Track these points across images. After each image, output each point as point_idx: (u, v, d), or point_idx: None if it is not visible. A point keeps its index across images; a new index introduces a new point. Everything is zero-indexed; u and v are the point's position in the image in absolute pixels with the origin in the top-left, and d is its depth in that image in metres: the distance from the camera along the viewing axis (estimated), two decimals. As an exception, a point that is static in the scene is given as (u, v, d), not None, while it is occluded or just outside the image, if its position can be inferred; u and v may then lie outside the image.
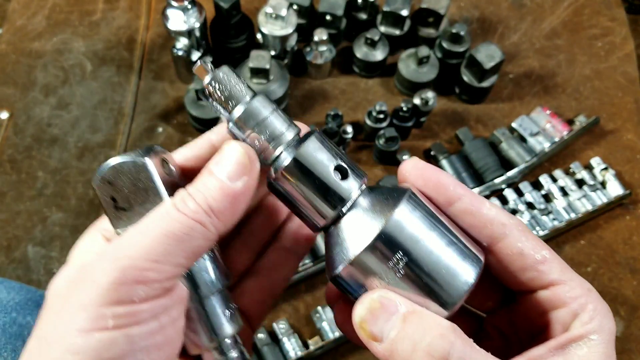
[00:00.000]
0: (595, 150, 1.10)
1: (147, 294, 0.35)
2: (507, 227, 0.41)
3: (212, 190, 0.38)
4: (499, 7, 1.26)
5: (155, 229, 0.36)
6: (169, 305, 0.37)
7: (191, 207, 0.37)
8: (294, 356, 0.89)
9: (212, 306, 0.43)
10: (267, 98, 0.43)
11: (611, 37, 1.23)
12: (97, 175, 0.40)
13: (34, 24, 1.20)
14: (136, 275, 0.35)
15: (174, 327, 0.38)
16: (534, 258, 0.41)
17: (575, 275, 0.42)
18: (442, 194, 0.41)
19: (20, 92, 1.12)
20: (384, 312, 0.37)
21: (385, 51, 1.13)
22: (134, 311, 0.35)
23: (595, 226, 1.03)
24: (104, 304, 0.34)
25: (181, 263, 0.37)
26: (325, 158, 0.41)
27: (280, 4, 1.03)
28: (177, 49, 1.06)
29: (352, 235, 0.40)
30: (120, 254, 0.36)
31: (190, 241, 0.36)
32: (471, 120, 1.13)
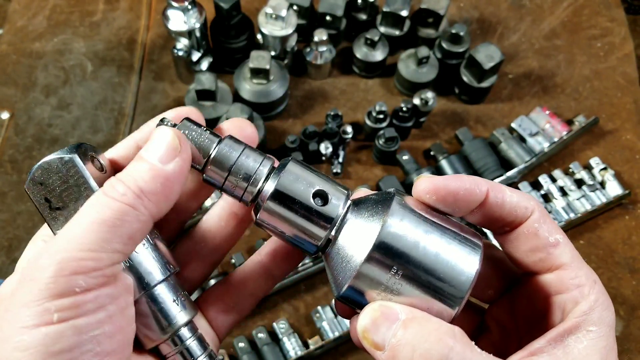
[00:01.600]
0: (595, 150, 1.10)
1: (88, 284, 0.35)
2: (529, 209, 0.42)
3: (142, 172, 0.38)
4: (499, 7, 1.27)
5: (87, 218, 0.36)
6: (115, 294, 0.37)
7: (120, 190, 0.37)
8: (294, 356, 0.89)
9: (159, 296, 0.42)
10: (234, 139, 0.43)
11: (610, 38, 1.23)
12: (27, 178, 0.40)
13: (35, 25, 1.20)
14: (74, 266, 0.34)
15: (124, 315, 0.38)
16: (547, 240, 0.41)
17: (584, 264, 0.42)
18: (473, 200, 0.41)
19: (21, 93, 1.13)
20: (384, 320, 0.38)
21: (385, 51, 1.13)
22: (78, 302, 0.34)
23: (595, 226, 1.03)
24: (46, 298, 0.34)
25: (118, 249, 0.36)
26: (305, 182, 0.41)
27: (280, 4, 1.04)
28: (178, 50, 1.06)
29: (348, 253, 0.40)
30: (56, 248, 0.35)
31: (123, 226, 0.36)
32: (471, 121, 1.14)
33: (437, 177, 0.41)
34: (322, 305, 0.94)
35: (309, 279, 0.98)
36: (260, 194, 0.42)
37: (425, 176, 0.42)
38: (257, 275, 0.50)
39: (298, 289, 0.97)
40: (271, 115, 1.11)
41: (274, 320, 0.93)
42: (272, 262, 0.50)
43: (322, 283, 0.98)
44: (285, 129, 1.12)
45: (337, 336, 0.90)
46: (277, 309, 0.96)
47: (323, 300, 0.96)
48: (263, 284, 0.50)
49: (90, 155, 0.42)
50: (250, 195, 0.43)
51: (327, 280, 0.98)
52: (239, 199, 0.43)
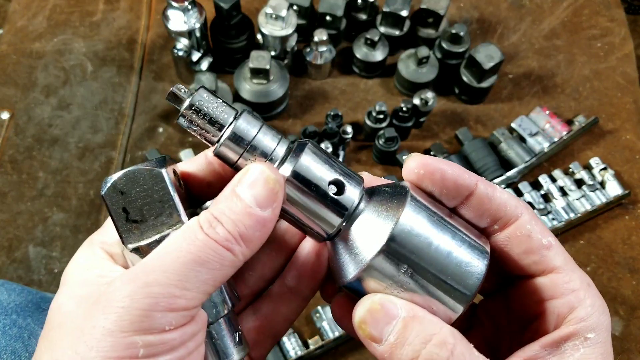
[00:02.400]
0: (595, 150, 1.10)
1: (177, 322, 0.34)
2: (519, 209, 0.41)
3: (241, 216, 0.36)
4: (499, 7, 1.27)
5: (185, 253, 0.35)
6: (195, 331, 0.36)
7: (221, 233, 0.36)
8: (294, 355, 0.89)
9: (219, 330, 0.42)
10: (252, 114, 0.41)
11: (610, 38, 1.23)
12: (107, 183, 0.38)
13: (35, 25, 1.20)
14: (168, 303, 0.34)
15: (199, 352, 0.37)
16: (541, 242, 0.40)
17: (577, 267, 0.41)
18: (461, 184, 0.40)
19: (21, 93, 1.13)
20: (384, 315, 0.37)
21: (385, 51, 1.13)
22: (165, 339, 0.34)
23: (595, 226, 1.03)
24: (135, 332, 0.33)
25: (209, 290, 0.36)
26: (324, 167, 0.40)
27: (280, 4, 1.04)
28: (178, 50, 1.06)
29: (361, 242, 0.39)
30: (150, 278, 0.34)
31: (221, 270, 0.35)
32: (470, 121, 1.14)
33: (427, 156, 0.41)
34: (322, 305, 0.94)
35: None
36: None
37: (416, 154, 0.41)
38: (287, 300, 0.48)
39: (298, 289, 0.97)
40: (271, 115, 1.11)
41: (274, 320, 0.93)
42: (298, 282, 0.48)
43: (322, 283, 0.98)
44: (285, 129, 1.12)
45: (337, 336, 0.90)
46: (277, 309, 0.96)
47: (323, 301, 0.96)
48: (295, 306, 0.49)
49: (172, 169, 0.40)
50: None
51: (327, 280, 0.98)
52: None
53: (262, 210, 0.37)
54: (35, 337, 0.64)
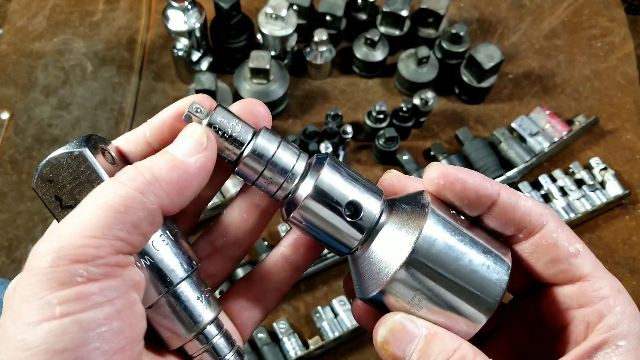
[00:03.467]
0: (595, 150, 1.10)
1: (90, 274, 0.32)
2: (544, 217, 0.40)
3: (160, 162, 0.36)
4: (499, 7, 1.27)
5: (90, 204, 0.34)
6: (122, 288, 0.34)
7: (131, 174, 0.35)
8: (294, 356, 0.89)
9: (182, 294, 0.41)
10: (269, 132, 0.41)
11: (610, 38, 1.23)
12: (34, 175, 0.37)
13: (35, 25, 1.20)
14: (72, 254, 0.32)
15: (132, 311, 0.35)
16: (568, 250, 0.39)
17: (607, 273, 0.40)
18: (482, 194, 0.39)
19: (21, 93, 1.12)
20: (406, 334, 0.37)
21: (385, 51, 1.13)
22: (82, 293, 0.32)
23: (595, 226, 1.03)
24: (47, 290, 0.31)
25: (121, 237, 0.34)
26: (344, 183, 0.40)
27: (280, 4, 1.04)
28: (178, 50, 1.06)
29: (382, 257, 0.39)
30: (54, 236, 0.33)
31: (127, 212, 0.34)
32: (471, 121, 1.14)
33: (449, 165, 0.40)
34: (322, 305, 0.94)
35: (309, 279, 0.98)
36: (295, 192, 0.40)
37: (436, 164, 0.41)
38: (280, 268, 0.48)
39: (298, 289, 0.97)
40: (271, 115, 1.11)
41: (274, 320, 0.93)
42: (295, 253, 0.48)
43: (322, 283, 0.98)
44: (285, 129, 1.12)
45: (337, 336, 0.90)
46: (277, 309, 0.96)
47: (323, 300, 0.96)
48: (288, 276, 0.48)
49: (100, 148, 0.39)
50: (284, 192, 0.41)
51: (327, 280, 0.98)
52: (271, 194, 0.41)
53: (185, 157, 0.36)
54: None
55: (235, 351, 0.44)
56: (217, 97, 1.05)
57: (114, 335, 0.33)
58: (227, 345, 0.44)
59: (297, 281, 0.95)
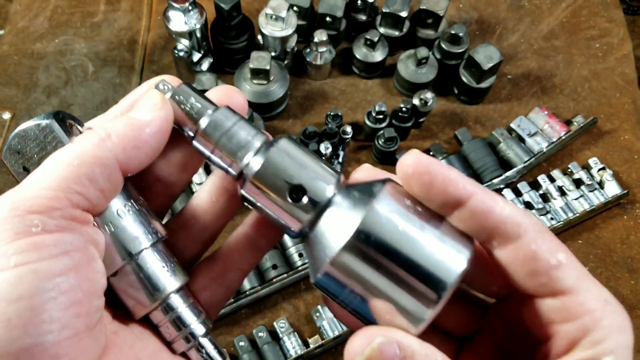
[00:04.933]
0: (593, 150, 1.10)
1: (45, 224, 0.33)
2: (522, 227, 0.36)
3: (116, 121, 0.37)
4: (498, 8, 1.27)
5: (47, 163, 0.35)
6: (79, 242, 0.34)
7: (85, 135, 0.36)
8: (294, 355, 0.90)
9: (146, 262, 0.41)
10: (231, 110, 0.42)
11: (609, 38, 1.23)
12: (4, 148, 0.39)
13: (36, 26, 1.20)
14: (27, 205, 0.32)
15: (90, 266, 0.35)
16: (548, 262, 0.36)
17: (593, 283, 0.37)
18: (450, 193, 0.37)
19: (22, 93, 1.13)
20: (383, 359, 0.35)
21: (385, 52, 1.14)
22: (37, 243, 0.32)
23: (593, 226, 1.04)
24: (2, 241, 0.32)
25: (77, 190, 0.34)
26: (297, 160, 0.40)
27: (280, 5, 1.04)
28: (178, 50, 1.07)
29: (329, 237, 0.38)
30: (11, 192, 0.34)
31: (82, 165, 0.34)
32: (470, 121, 1.14)
33: (425, 155, 0.38)
34: (322, 304, 0.94)
35: (309, 279, 0.98)
36: (246, 168, 0.40)
37: (415, 151, 0.39)
38: (242, 247, 0.47)
39: (298, 288, 0.98)
40: (271, 115, 1.12)
41: (274, 320, 0.93)
42: (257, 232, 0.47)
43: (322, 282, 0.98)
44: (285, 129, 1.12)
45: (337, 335, 0.90)
46: (277, 308, 0.96)
47: (323, 300, 0.97)
48: (249, 256, 0.48)
49: (69, 123, 0.40)
50: (236, 169, 0.41)
51: (327, 280, 0.98)
52: (226, 170, 0.42)
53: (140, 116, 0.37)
54: None
55: (202, 321, 0.44)
56: (217, 97, 1.05)
57: (70, 287, 0.33)
58: (193, 315, 0.43)
59: (297, 281, 0.96)
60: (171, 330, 0.43)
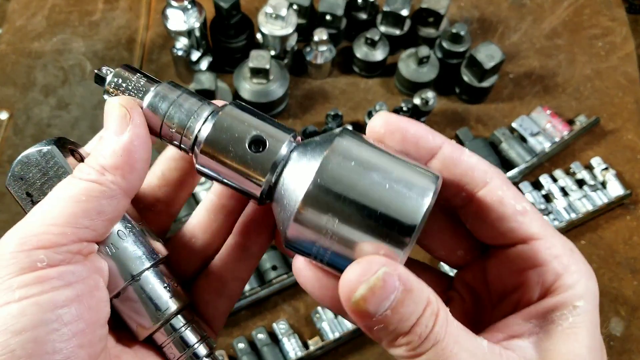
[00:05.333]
0: (596, 150, 1.10)
1: (51, 259, 0.33)
2: (489, 174, 0.38)
3: (102, 150, 0.38)
4: (499, 7, 1.26)
5: (54, 197, 0.36)
6: (83, 273, 0.35)
7: (85, 170, 0.37)
8: (294, 356, 0.89)
9: (148, 282, 0.41)
10: (173, 84, 0.41)
11: (611, 37, 1.22)
12: (8, 174, 0.40)
13: (34, 24, 1.20)
14: (35, 241, 0.33)
15: (93, 296, 0.36)
16: (514, 208, 0.38)
17: (557, 233, 0.39)
18: (422, 146, 0.39)
19: (20, 93, 1.12)
20: (385, 290, 0.34)
21: (386, 51, 1.13)
22: (41, 277, 0.33)
23: (596, 226, 1.03)
24: (8, 275, 0.33)
25: (85, 224, 0.35)
26: (244, 127, 0.39)
27: (280, 3, 1.03)
28: (177, 49, 1.06)
29: (289, 196, 0.37)
30: (19, 226, 0.35)
31: (89, 201, 0.35)
32: (471, 120, 1.13)
33: (393, 114, 0.39)
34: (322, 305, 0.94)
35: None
36: (196, 140, 0.39)
37: (383, 112, 0.39)
38: (235, 257, 0.47)
39: (298, 289, 0.97)
40: (271, 115, 1.11)
41: (273, 321, 0.92)
42: (246, 239, 0.47)
43: (322, 283, 0.98)
44: (285, 128, 1.11)
45: (337, 337, 0.90)
46: (277, 309, 0.95)
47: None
48: (244, 264, 0.47)
49: (69, 148, 0.41)
50: (188, 142, 0.40)
51: (327, 281, 0.97)
52: (178, 146, 0.41)
53: (118, 136, 0.38)
54: None
55: (204, 342, 0.44)
56: (216, 96, 1.04)
57: (73, 317, 0.34)
58: (196, 335, 0.43)
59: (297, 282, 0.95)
60: (175, 351, 0.43)
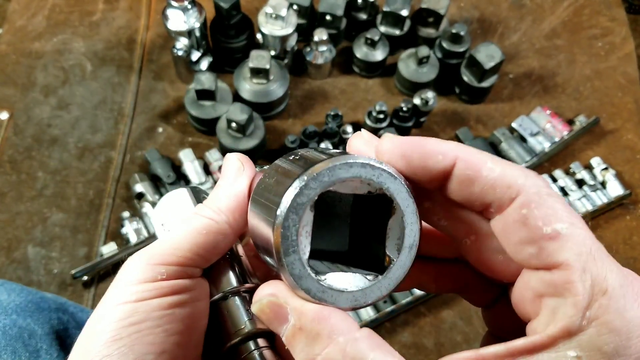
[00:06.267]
0: (596, 150, 1.10)
1: (169, 274, 0.39)
2: (514, 189, 0.32)
3: (219, 194, 0.43)
4: (499, 7, 1.26)
5: (180, 227, 0.42)
6: (191, 286, 0.40)
7: (204, 210, 0.42)
8: (294, 356, 0.89)
9: (231, 306, 0.45)
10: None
11: (611, 37, 1.23)
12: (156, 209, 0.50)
13: (34, 25, 1.20)
14: (159, 259, 0.39)
15: (197, 307, 0.40)
16: (541, 232, 0.31)
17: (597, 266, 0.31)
18: (433, 168, 0.34)
19: (20, 93, 1.12)
20: (275, 317, 0.36)
21: (385, 51, 1.13)
22: (157, 286, 0.38)
23: (596, 226, 1.03)
24: (133, 283, 0.38)
25: (201, 254, 0.40)
26: None
27: (280, 4, 1.03)
28: (177, 49, 1.06)
29: None
30: (146, 249, 0.40)
31: (208, 235, 0.41)
32: (471, 120, 1.13)
33: (397, 138, 0.35)
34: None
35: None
36: None
37: (388, 136, 0.36)
38: None
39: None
40: (271, 115, 1.11)
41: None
42: None
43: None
44: (285, 128, 1.11)
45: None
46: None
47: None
48: None
49: (202, 197, 0.49)
50: None
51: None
52: None
53: (232, 183, 0.44)
54: (35, 337, 0.64)
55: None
56: (216, 96, 1.04)
57: (176, 318, 0.39)
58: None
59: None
60: None
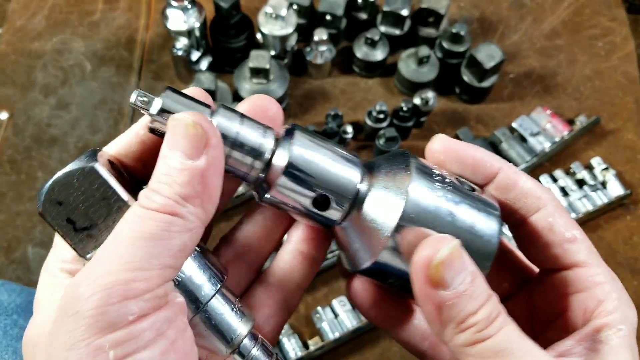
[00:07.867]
0: (596, 150, 1.10)
1: (141, 309, 0.30)
2: (542, 200, 0.40)
3: (176, 176, 0.33)
4: (499, 7, 1.26)
5: (127, 234, 0.31)
6: (171, 316, 0.32)
7: (159, 200, 0.32)
8: (294, 356, 0.89)
9: (215, 309, 0.39)
10: (228, 108, 0.38)
11: (611, 37, 1.22)
12: (40, 199, 0.34)
13: (34, 24, 1.20)
14: (122, 290, 0.30)
15: (185, 339, 0.34)
16: (564, 236, 0.40)
17: (602, 262, 0.41)
18: (480, 172, 0.41)
19: (19, 93, 1.12)
20: (460, 263, 0.34)
21: (386, 51, 1.13)
22: (134, 332, 0.30)
23: (596, 226, 1.03)
24: (96, 335, 0.29)
25: (169, 264, 0.32)
26: (319, 152, 0.39)
27: (280, 3, 1.03)
28: (177, 49, 1.06)
29: (373, 221, 0.38)
30: (98, 272, 0.30)
31: (172, 238, 0.32)
32: (471, 120, 1.13)
33: (451, 140, 0.42)
34: (322, 305, 0.94)
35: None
36: (267, 171, 0.38)
37: (441, 136, 0.43)
38: (299, 265, 0.45)
39: (298, 290, 0.97)
40: (271, 115, 1.11)
41: (274, 321, 0.92)
42: (309, 246, 0.45)
43: (322, 284, 0.98)
44: (285, 128, 1.11)
45: (337, 337, 0.90)
46: (277, 309, 0.95)
47: (323, 301, 0.96)
48: (308, 271, 0.46)
49: (108, 161, 0.36)
50: (255, 173, 0.38)
51: (327, 281, 0.98)
52: (242, 177, 0.38)
53: (195, 160, 0.33)
54: None
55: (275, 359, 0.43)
56: (216, 96, 1.04)
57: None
58: (267, 355, 0.42)
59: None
60: None
